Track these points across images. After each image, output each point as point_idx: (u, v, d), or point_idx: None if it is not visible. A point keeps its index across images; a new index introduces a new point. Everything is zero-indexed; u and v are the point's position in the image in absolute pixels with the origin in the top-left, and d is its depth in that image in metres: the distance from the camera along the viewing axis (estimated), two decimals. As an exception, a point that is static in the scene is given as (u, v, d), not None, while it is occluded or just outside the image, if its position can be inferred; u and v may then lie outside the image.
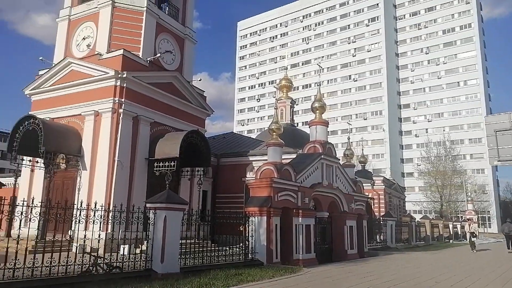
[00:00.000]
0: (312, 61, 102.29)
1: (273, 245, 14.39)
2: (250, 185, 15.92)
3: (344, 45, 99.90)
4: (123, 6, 19.71)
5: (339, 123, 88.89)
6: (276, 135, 16.71)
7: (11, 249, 8.37)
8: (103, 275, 9.21)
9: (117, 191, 16.95)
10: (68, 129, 18.39)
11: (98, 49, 19.09)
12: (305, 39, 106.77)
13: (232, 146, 27.34)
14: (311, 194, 16.81)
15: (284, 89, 36.22)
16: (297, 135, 31.20)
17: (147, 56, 19.57)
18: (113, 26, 19.45)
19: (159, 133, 19.56)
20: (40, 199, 15.46)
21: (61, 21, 21.31)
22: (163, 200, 10.57)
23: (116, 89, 17.91)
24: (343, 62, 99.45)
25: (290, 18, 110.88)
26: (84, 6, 20.81)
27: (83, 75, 18.78)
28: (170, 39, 21.86)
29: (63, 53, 20.56)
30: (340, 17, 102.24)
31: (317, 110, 19.09)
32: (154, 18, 20.58)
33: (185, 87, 21.67)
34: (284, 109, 35.37)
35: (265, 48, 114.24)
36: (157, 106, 19.79)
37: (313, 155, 17.93)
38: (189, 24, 23.53)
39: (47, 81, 20.16)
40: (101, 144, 17.69)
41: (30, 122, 16.81)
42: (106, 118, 17.78)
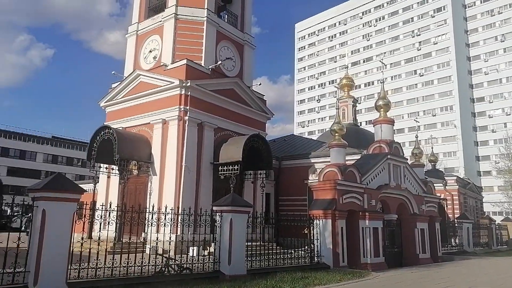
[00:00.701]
0: (373, 58, 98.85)
1: (339, 248, 14.10)
2: (313, 188, 15.77)
3: (408, 39, 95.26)
4: (185, 18, 20.56)
5: (406, 120, 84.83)
6: (339, 136, 16.39)
7: (93, 250, 9.09)
8: (174, 275, 9.64)
9: (185, 195, 17.67)
10: (139, 137, 19.55)
11: (164, 60, 20.09)
12: (366, 35, 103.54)
13: (293, 149, 27.29)
14: (378, 196, 16.24)
15: (345, 88, 35.39)
16: (361, 135, 30.32)
17: (209, 64, 20.22)
18: (177, 37, 20.35)
19: (222, 138, 20.09)
20: (116, 203, 16.59)
21: (130, 36, 22.77)
22: (228, 203, 10.84)
23: (181, 97, 18.72)
24: (407, 57, 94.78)
25: (349, 15, 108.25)
26: (150, 20, 22.04)
27: (151, 86, 19.88)
28: (230, 46, 22.39)
29: (132, 66, 21.94)
30: (402, 10, 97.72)
31: (381, 108, 18.45)
32: (214, 27, 21.22)
33: (246, 92, 22.06)
34: (346, 109, 34.55)
35: (324, 48, 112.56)
36: (220, 112, 20.35)
37: (379, 156, 17.32)
38: (248, 30, 23.94)
39: (119, 93, 21.64)
40: (169, 151, 18.57)
41: (105, 132, 18.15)
42: (173, 126, 18.64)
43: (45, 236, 7.53)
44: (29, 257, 7.52)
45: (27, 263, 7.51)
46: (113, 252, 9.62)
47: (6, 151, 65.01)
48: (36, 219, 7.66)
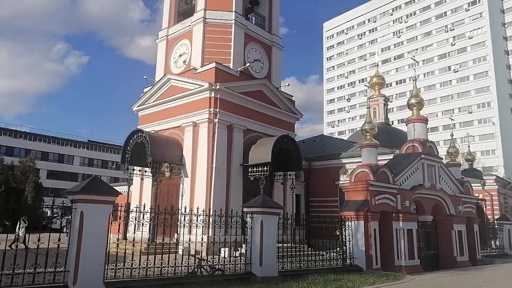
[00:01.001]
0: (405, 55, 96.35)
1: (372, 250, 13.84)
2: (344, 189, 15.56)
3: (441, 34, 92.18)
4: (213, 21, 20.80)
5: (440, 118, 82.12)
6: (370, 136, 16.11)
7: (128, 251, 9.34)
8: (207, 276, 9.77)
9: (216, 196, 17.86)
10: (171, 140, 19.94)
11: (193, 64, 20.41)
12: (396, 32, 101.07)
13: (323, 149, 27.01)
14: (411, 196, 15.83)
15: (376, 86, 34.73)
16: (393, 134, 29.63)
17: (237, 66, 20.36)
18: (205, 41, 20.62)
19: (251, 139, 20.18)
20: (149, 205, 16.99)
21: (160, 41, 23.28)
22: (259, 205, 10.87)
23: (211, 100, 18.95)
24: (441, 53, 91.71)
25: (378, 12, 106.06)
26: (179, 25, 22.44)
27: (181, 89, 20.23)
28: (258, 48, 22.46)
29: (163, 70, 22.41)
30: (434, 5, 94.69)
31: (414, 106, 17.98)
32: (242, 29, 21.35)
33: (274, 94, 22.06)
34: (377, 108, 33.87)
35: (353, 46, 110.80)
36: (249, 113, 20.45)
37: (412, 155, 16.88)
38: (276, 31, 23.93)
39: (150, 97, 22.16)
40: (199, 153, 18.84)
41: (138, 136, 18.64)
42: (203, 128, 18.90)
43: (83, 237, 7.82)
44: (69, 257, 7.83)
45: (66, 263, 7.82)
46: (147, 253, 9.85)
47: (46, 155, 67.91)
48: (74, 221, 7.97)
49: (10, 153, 60.34)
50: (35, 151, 63.12)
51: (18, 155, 56.92)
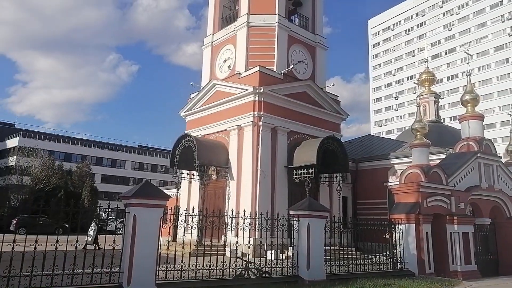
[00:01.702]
0: (457, 48, 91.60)
1: (425, 254, 13.30)
2: (394, 191, 15.07)
3: (497, 24, 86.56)
4: (257, 25, 20.96)
5: (497, 114, 77.25)
6: (421, 135, 15.51)
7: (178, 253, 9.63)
8: (254, 279, 9.84)
9: (261, 199, 17.95)
10: (217, 144, 20.33)
11: (238, 68, 20.69)
12: (447, 25, 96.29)
13: (370, 150, 26.31)
14: (467, 198, 15.03)
15: (425, 83, 33.25)
16: (445, 132, 28.24)
17: (281, 69, 20.38)
18: (249, 45, 20.82)
19: (296, 141, 20.09)
20: (197, 207, 17.42)
21: (205, 48, 23.82)
22: (305, 208, 10.81)
23: (255, 104, 19.11)
24: (497, 45, 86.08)
25: (427, 5, 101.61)
26: (223, 31, 22.85)
27: (226, 94, 20.58)
28: (302, 49, 22.35)
29: (208, 76, 22.92)
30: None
31: (468, 103, 17.10)
32: (285, 31, 21.34)
33: (319, 94, 21.83)
34: (427, 105, 32.43)
35: (401, 43, 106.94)
36: (293, 115, 20.38)
37: (467, 154, 16.04)
38: (319, 31, 23.69)
39: (197, 103, 22.73)
40: (245, 156, 19.04)
41: (186, 140, 19.20)
42: (248, 132, 19.08)
43: (136, 239, 8.17)
44: (123, 259, 8.21)
45: (121, 264, 8.21)
46: (196, 255, 10.10)
47: (100, 160, 71.67)
48: (128, 224, 8.35)
49: (68, 159, 64.28)
50: (90, 157, 66.83)
51: (75, 161, 60.53)
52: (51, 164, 44.18)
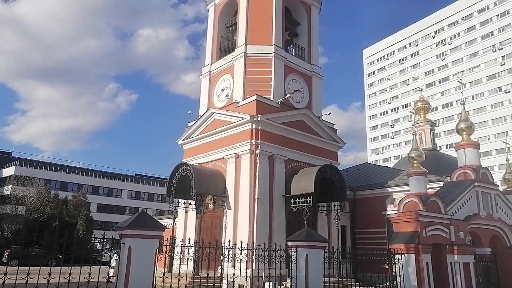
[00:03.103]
0: (450, 77, 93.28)
1: (425, 285, 13.04)
2: (392, 220, 14.94)
3: (488, 54, 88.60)
4: (254, 55, 21.35)
5: (492, 142, 77.81)
6: (417, 163, 15.53)
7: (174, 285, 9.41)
8: (252, 312, 9.57)
9: (259, 229, 17.71)
10: (214, 172, 20.26)
11: (235, 97, 20.91)
12: (440, 55, 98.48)
13: (368, 178, 26.27)
14: (466, 227, 14.90)
15: (421, 111, 33.65)
16: (441, 160, 28.33)
17: (278, 97, 20.61)
18: (246, 74, 21.13)
19: (293, 169, 20.06)
20: (193, 237, 17.15)
21: (204, 77, 24.16)
22: (303, 238, 10.66)
23: (252, 132, 19.21)
24: (490, 74, 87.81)
25: (420, 36, 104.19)
26: (221, 61, 23.24)
27: (224, 123, 20.70)
28: (298, 78, 22.69)
29: (206, 104, 23.12)
30: (480, 25, 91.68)
31: (463, 131, 17.24)
32: (282, 61, 21.73)
33: (315, 123, 22.00)
34: (423, 133, 32.70)
35: (395, 72, 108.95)
36: (290, 143, 20.45)
37: (464, 183, 16.02)
38: (315, 61, 24.13)
39: (195, 131, 22.82)
40: (242, 184, 18.94)
41: (183, 169, 19.14)
42: (245, 160, 19.08)
43: (131, 271, 7.99)
44: (117, 291, 8.00)
45: (115, 297, 7.99)
46: (192, 287, 9.87)
47: (96, 189, 71.07)
48: (123, 255, 8.19)
49: (65, 188, 63.68)
50: (86, 186, 66.26)
51: (71, 190, 59.90)
52: (46, 193, 43.70)
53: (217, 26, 24.53)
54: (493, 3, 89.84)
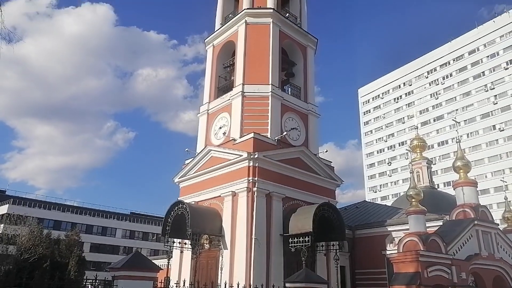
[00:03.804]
0: (445, 116, 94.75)
1: (430, 330, 12.53)
2: (392, 260, 14.62)
3: (481, 93, 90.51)
4: (251, 94, 21.67)
5: (489, 180, 77.82)
6: (416, 202, 15.41)
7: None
8: None
9: (256, 270, 17.23)
10: (210, 211, 19.98)
11: (233, 135, 21.01)
12: (434, 94, 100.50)
13: (366, 216, 25.95)
14: (468, 268, 14.57)
15: (417, 149, 33.87)
16: (440, 198, 28.16)
17: (275, 135, 20.73)
18: (244, 113, 21.35)
19: (291, 208, 19.83)
20: (188, 279, 16.61)
21: (201, 115, 24.39)
22: (302, 280, 10.38)
23: (249, 169, 19.13)
24: (483, 112, 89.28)
25: (413, 76, 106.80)
26: (219, 100, 23.57)
27: (221, 160, 20.67)
28: (295, 117, 22.93)
29: (203, 142, 23.19)
30: (471, 66, 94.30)
31: (460, 169, 17.26)
32: (279, 100, 22.04)
33: (312, 160, 22.00)
34: (420, 171, 32.74)
35: (390, 110, 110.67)
36: (287, 181, 20.34)
37: (464, 221, 15.83)
38: (311, 100, 24.50)
39: (191, 169, 22.73)
40: (239, 223, 18.62)
41: (179, 207, 18.87)
42: (242, 198, 18.87)
43: (123, 316, 7.66)
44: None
45: None
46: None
47: (90, 228, 69.68)
48: (115, 298, 7.89)
49: (58, 226, 62.44)
50: (80, 224, 65.03)
51: (64, 229, 58.64)
52: (39, 232, 42.70)
53: (215, 66, 25.08)
54: (483, 45, 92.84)
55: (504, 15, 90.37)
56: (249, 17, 23.10)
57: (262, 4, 23.89)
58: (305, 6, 26.91)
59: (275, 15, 23.25)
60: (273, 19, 23.02)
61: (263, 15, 23.17)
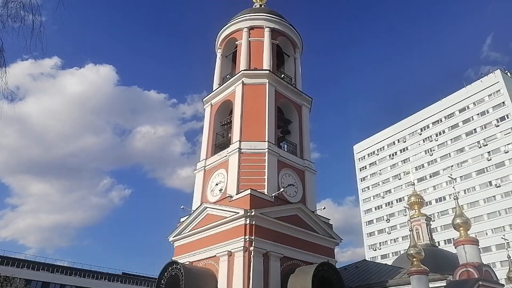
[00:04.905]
0: (440, 172, 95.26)
1: None
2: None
3: (475, 150, 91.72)
4: (248, 151, 21.84)
5: (490, 237, 76.52)
6: (417, 261, 15.03)
7: None
8: None
9: (254, 335, 16.28)
10: (205, 272, 19.25)
11: (229, 191, 20.86)
12: (428, 150, 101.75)
13: (367, 276, 25.06)
14: (476, 332, 13.85)
15: (415, 206, 33.56)
16: (441, 257, 27.38)
17: (272, 192, 20.59)
18: (241, 169, 21.36)
19: (289, 268, 19.19)
20: None
21: (198, 172, 24.37)
22: None
23: (246, 227, 18.74)
24: (478, 168, 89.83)
25: (407, 133, 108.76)
26: (216, 156, 23.70)
27: (217, 218, 20.32)
28: (291, 173, 22.95)
29: (199, 199, 22.94)
30: (462, 123, 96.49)
31: (460, 227, 17.05)
32: (275, 157, 22.18)
33: (310, 218, 21.69)
34: (419, 228, 32.17)
35: (386, 166, 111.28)
36: (285, 240, 19.87)
37: (468, 282, 15.33)
38: (307, 156, 24.69)
39: (186, 227, 22.25)
40: (235, 284, 17.86)
41: (173, 268, 18.23)
42: (239, 258, 18.28)
43: None
44: None
45: None
46: None
47: (80, 290, 66.61)
48: None
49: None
50: (70, 286, 62.24)
51: (53, 290, 56.06)
52: (25, 295, 40.76)
53: (213, 124, 25.54)
54: (472, 103, 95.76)
55: (490, 75, 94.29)
56: (246, 78, 23.95)
57: (259, 66, 24.88)
58: (300, 67, 28.07)
59: (271, 76, 24.14)
60: (269, 79, 23.87)
61: (260, 76, 24.05)
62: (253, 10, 28.25)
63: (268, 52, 25.32)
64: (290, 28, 27.70)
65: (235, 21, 27.18)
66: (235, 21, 27.24)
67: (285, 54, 28.10)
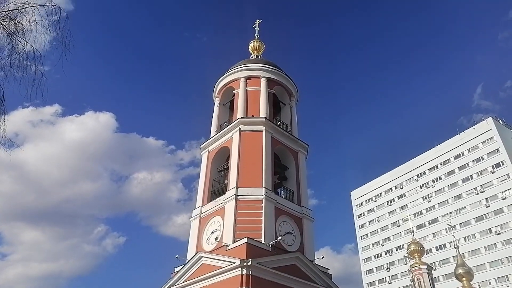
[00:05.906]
0: (439, 218, 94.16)
1: None
2: None
3: (472, 196, 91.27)
4: (244, 197, 21.67)
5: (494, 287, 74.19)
6: (420, 313, 14.44)
7: None
8: None
9: None
10: (200, 325, 18.41)
11: (225, 240, 20.44)
12: (426, 197, 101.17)
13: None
14: None
15: (415, 254, 32.91)
16: (445, 308, 26.48)
17: (269, 240, 20.19)
18: (237, 216, 21.08)
19: (288, 321, 18.40)
20: None
21: (194, 219, 23.99)
22: None
23: (242, 277, 18.16)
24: (477, 215, 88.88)
25: (404, 179, 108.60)
26: (212, 203, 23.46)
27: (213, 268, 19.73)
28: (289, 221, 22.65)
29: (195, 248, 22.40)
30: (458, 169, 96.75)
31: (463, 277, 16.64)
32: (272, 204, 21.99)
33: (308, 267, 21.12)
34: (421, 278, 31.33)
35: (384, 213, 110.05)
36: (283, 291, 19.21)
37: (474, 336, 14.67)
38: (305, 203, 24.49)
39: (181, 277, 21.54)
40: None
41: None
42: (235, 312, 17.59)
43: None
44: None
45: None
46: None
47: None
48: None
49: None
50: None
51: None
52: None
53: (210, 170, 25.52)
54: (467, 150, 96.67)
55: (483, 123, 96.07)
56: (243, 125, 24.30)
57: (255, 114, 25.34)
58: (295, 115, 28.60)
59: (267, 124, 24.51)
60: (266, 127, 24.21)
61: (256, 123, 24.43)
62: (250, 61, 29.19)
63: (265, 101, 25.89)
64: (286, 78, 28.53)
65: (233, 71, 28.03)
66: (233, 71, 28.09)
67: (281, 103, 28.73)
